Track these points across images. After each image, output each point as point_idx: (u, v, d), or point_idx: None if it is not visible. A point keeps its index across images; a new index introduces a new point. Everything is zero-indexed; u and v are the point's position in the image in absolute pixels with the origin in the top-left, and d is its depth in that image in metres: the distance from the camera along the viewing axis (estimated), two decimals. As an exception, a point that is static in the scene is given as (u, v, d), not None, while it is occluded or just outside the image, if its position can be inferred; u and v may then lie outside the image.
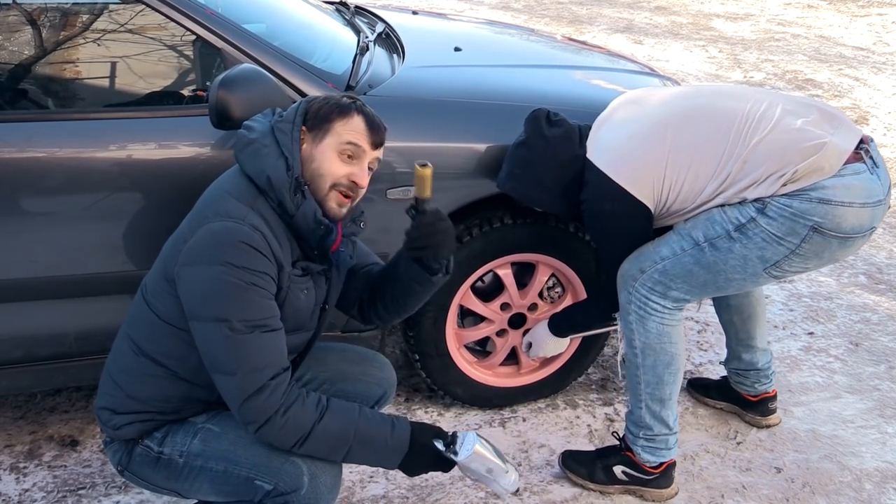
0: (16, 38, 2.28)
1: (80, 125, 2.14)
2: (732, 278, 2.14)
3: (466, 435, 1.78)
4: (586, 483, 2.38)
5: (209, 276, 1.61)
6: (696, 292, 2.19)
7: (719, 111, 2.14)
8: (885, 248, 4.01)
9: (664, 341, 2.23)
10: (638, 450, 2.33)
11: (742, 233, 2.07)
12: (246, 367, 1.61)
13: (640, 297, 2.20)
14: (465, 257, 2.43)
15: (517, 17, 8.31)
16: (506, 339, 2.64)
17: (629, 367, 2.31)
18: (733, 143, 2.08)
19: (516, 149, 2.28)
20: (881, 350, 3.16)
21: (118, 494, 2.30)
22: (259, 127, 1.74)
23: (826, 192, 2.01)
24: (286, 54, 2.25)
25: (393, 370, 2.13)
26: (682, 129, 2.13)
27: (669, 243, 2.17)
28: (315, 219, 1.69)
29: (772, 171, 2.04)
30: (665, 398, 2.28)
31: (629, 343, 2.28)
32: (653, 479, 2.35)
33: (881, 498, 2.41)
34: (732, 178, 2.08)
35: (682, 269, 2.15)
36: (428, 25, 3.30)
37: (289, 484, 1.69)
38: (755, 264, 2.10)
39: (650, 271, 2.18)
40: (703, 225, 2.13)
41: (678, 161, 2.10)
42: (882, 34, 8.33)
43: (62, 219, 2.13)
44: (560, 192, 2.26)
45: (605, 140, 2.21)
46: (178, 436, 1.77)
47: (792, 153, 2.03)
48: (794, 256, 2.07)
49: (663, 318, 2.21)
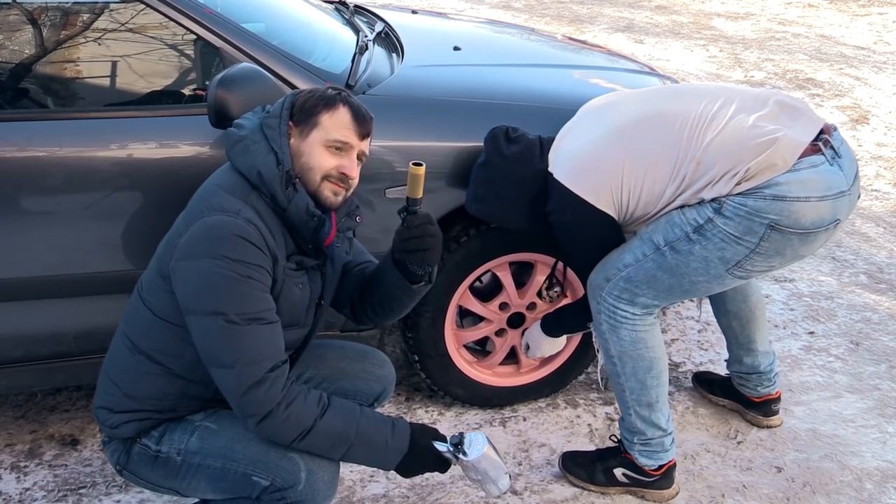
0: (16, 38, 2.29)
1: (80, 124, 2.14)
2: (697, 281, 2.12)
3: (475, 435, 1.79)
4: (587, 485, 2.38)
5: (204, 269, 1.61)
6: (663, 297, 2.17)
7: (673, 114, 2.11)
8: (885, 247, 4.00)
9: (639, 347, 2.21)
10: (636, 454, 2.32)
11: (700, 234, 2.05)
12: (243, 360, 1.61)
13: (609, 306, 2.19)
14: (463, 257, 2.43)
15: (518, 17, 8.30)
16: (505, 339, 2.64)
17: (611, 375, 2.30)
18: (686, 144, 2.05)
19: (478, 170, 2.28)
20: (882, 349, 3.16)
21: (119, 493, 2.30)
22: (248, 124, 1.75)
23: (780, 188, 1.98)
24: (285, 53, 2.25)
25: (392, 367, 2.13)
26: (637, 135, 2.11)
27: (632, 249, 2.16)
28: (307, 211, 1.69)
29: (725, 170, 2.01)
30: (652, 402, 2.26)
31: (606, 353, 2.27)
32: (653, 480, 2.34)
33: (882, 497, 2.41)
34: (689, 179, 2.05)
35: (646, 274, 2.13)
36: (427, 25, 3.30)
37: (286, 480, 1.70)
38: (717, 265, 2.07)
39: (615, 279, 2.17)
40: (663, 228, 2.11)
41: (634, 167, 2.09)
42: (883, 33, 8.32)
43: (62, 218, 2.13)
44: (526, 208, 2.25)
45: (565, 151, 2.20)
46: (175, 434, 1.78)
47: (743, 151, 2.00)
48: (755, 256, 2.04)
49: (634, 324, 2.19)
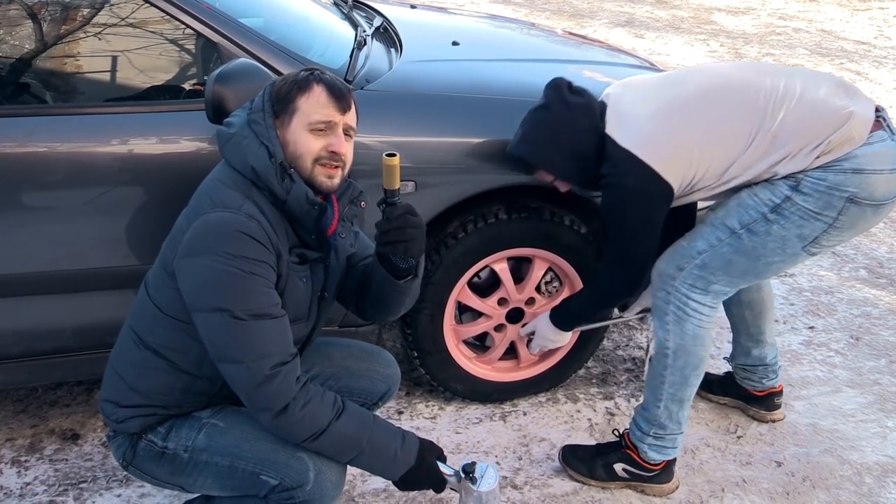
0: (16, 33, 2.28)
1: (80, 119, 2.13)
2: (772, 261, 2.12)
3: (487, 467, 1.82)
4: (587, 480, 2.38)
5: (207, 266, 1.61)
6: (736, 282, 2.17)
7: (741, 88, 2.11)
8: (885, 242, 4.00)
9: (697, 344, 2.20)
10: (644, 447, 2.31)
11: (778, 213, 2.06)
12: (252, 355, 1.61)
13: (681, 295, 2.17)
14: (462, 253, 2.43)
15: (518, 11, 8.29)
16: (504, 334, 2.64)
17: (655, 366, 2.27)
18: (761, 118, 2.05)
19: (534, 112, 2.24)
20: (882, 344, 3.15)
21: (119, 488, 2.30)
22: (236, 121, 1.74)
23: (859, 161, 2.01)
24: (283, 49, 2.25)
25: (397, 367, 2.13)
26: (706, 106, 2.10)
27: (704, 236, 2.14)
28: (307, 199, 1.68)
29: (803, 144, 2.02)
30: (684, 399, 2.26)
31: (661, 344, 2.23)
32: (654, 475, 2.34)
33: (881, 492, 2.41)
34: (762, 153, 2.05)
35: (722, 259, 2.12)
36: (426, 19, 3.29)
37: (294, 479, 1.70)
38: (794, 244, 2.08)
39: (689, 267, 2.15)
40: (736, 211, 2.11)
41: (706, 139, 2.07)
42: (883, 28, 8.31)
43: (62, 213, 2.13)
44: (575, 159, 2.19)
45: (630, 117, 2.15)
46: (182, 431, 1.78)
47: (822, 124, 2.02)
48: (831, 230, 2.06)
49: (701, 319, 2.18)
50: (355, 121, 1.77)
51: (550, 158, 2.21)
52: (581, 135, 2.18)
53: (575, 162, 2.20)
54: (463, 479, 1.80)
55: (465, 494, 1.81)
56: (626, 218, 2.16)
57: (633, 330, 3.20)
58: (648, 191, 2.10)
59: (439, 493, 1.84)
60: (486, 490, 1.79)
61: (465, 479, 1.80)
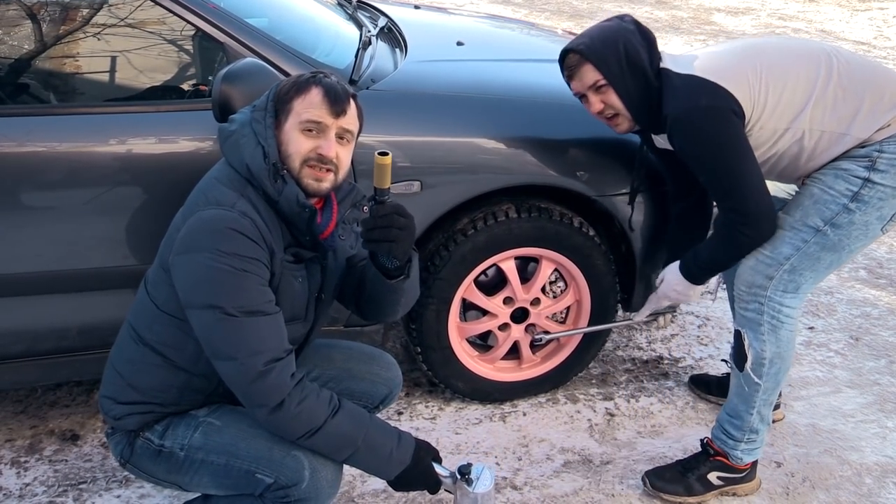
0: (16, 32, 2.28)
1: (81, 119, 2.13)
2: (854, 249, 2.12)
3: (484, 468, 1.82)
4: (685, 499, 2.33)
5: (200, 263, 1.61)
6: (821, 277, 2.16)
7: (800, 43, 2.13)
8: (885, 242, 4.01)
9: (790, 348, 2.19)
10: (738, 453, 2.30)
11: (859, 200, 2.04)
12: (245, 351, 1.61)
13: (774, 304, 2.14)
14: (469, 251, 2.43)
15: (518, 12, 8.29)
16: (508, 333, 2.64)
17: (750, 375, 2.22)
18: (827, 71, 2.04)
19: (600, 23, 2.18)
20: (881, 344, 3.16)
21: (119, 489, 2.30)
22: (239, 118, 1.74)
23: None
24: (289, 48, 2.25)
25: (399, 371, 2.13)
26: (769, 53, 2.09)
27: (787, 241, 2.11)
28: (298, 202, 1.67)
29: (874, 100, 2.02)
30: (774, 400, 2.27)
31: (758, 355, 2.19)
32: (745, 475, 2.35)
33: (881, 492, 2.41)
34: (832, 103, 2.02)
35: (810, 259, 2.10)
36: (430, 20, 3.30)
37: (290, 478, 1.70)
38: (874, 226, 2.08)
39: (779, 274, 2.12)
40: (815, 209, 2.08)
41: (773, 74, 2.02)
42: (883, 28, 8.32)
43: (63, 213, 2.13)
44: (630, 66, 2.07)
45: (683, 57, 2.11)
46: (179, 429, 1.78)
47: (893, 86, 2.04)
48: None
49: (793, 324, 2.17)
50: (356, 126, 1.76)
51: (603, 55, 2.07)
52: (640, 51, 2.07)
53: (628, 68, 2.07)
54: (459, 480, 1.80)
55: (461, 496, 1.81)
56: (716, 145, 1.99)
57: (633, 331, 3.21)
58: (723, 107, 1.97)
59: (434, 494, 1.84)
60: (481, 492, 1.79)
61: (461, 481, 1.80)
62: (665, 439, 2.58)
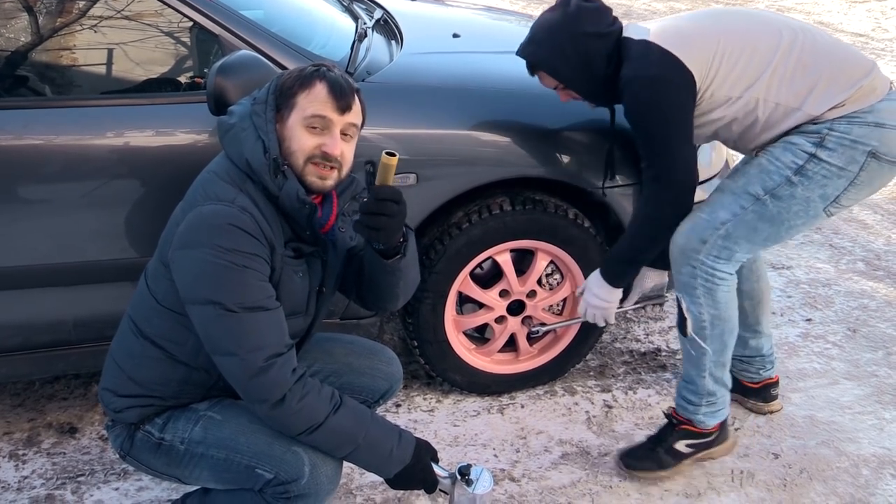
0: (12, 25, 2.27)
1: (78, 112, 2.13)
2: (794, 224, 2.12)
3: (482, 470, 1.82)
4: (658, 473, 2.36)
5: (200, 259, 1.61)
6: (757, 248, 2.17)
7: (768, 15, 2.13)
8: (882, 234, 4.01)
9: (730, 308, 2.20)
10: (700, 417, 2.32)
11: (802, 174, 2.05)
12: (246, 347, 1.61)
13: (707, 267, 2.15)
14: (465, 244, 2.43)
15: (515, 3, 8.27)
16: (504, 326, 2.64)
17: (694, 342, 2.24)
18: (788, 44, 2.04)
19: (542, 14, 2.18)
20: (879, 336, 3.16)
21: (117, 481, 2.30)
22: (239, 111, 1.73)
23: (881, 115, 2.02)
24: (284, 41, 2.24)
25: (399, 365, 2.12)
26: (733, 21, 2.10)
27: (726, 206, 2.12)
28: (298, 198, 1.66)
29: (831, 78, 2.02)
30: (726, 361, 2.28)
31: (698, 318, 2.20)
32: (714, 438, 2.36)
33: (878, 483, 2.42)
34: (789, 75, 2.02)
35: (746, 227, 2.10)
36: (426, 12, 3.28)
37: (290, 473, 1.70)
38: (817, 204, 2.08)
39: (713, 238, 2.12)
40: (759, 178, 2.09)
41: (731, 41, 2.03)
42: (881, 20, 8.31)
43: (60, 206, 2.13)
44: (580, 63, 2.10)
45: (646, 24, 2.13)
46: (179, 422, 1.78)
47: (853, 67, 2.03)
48: (851, 188, 2.07)
49: (729, 285, 2.18)
50: (360, 120, 1.75)
51: (553, 63, 2.12)
52: (588, 39, 2.09)
53: (579, 66, 2.11)
54: (458, 480, 1.80)
55: (459, 496, 1.81)
56: (656, 113, 2.04)
57: (631, 322, 3.21)
58: (672, 79, 2.01)
59: (430, 493, 1.84)
60: (481, 493, 1.79)
61: (461, 481, 1.80)
62: (662, 431, 2.58)
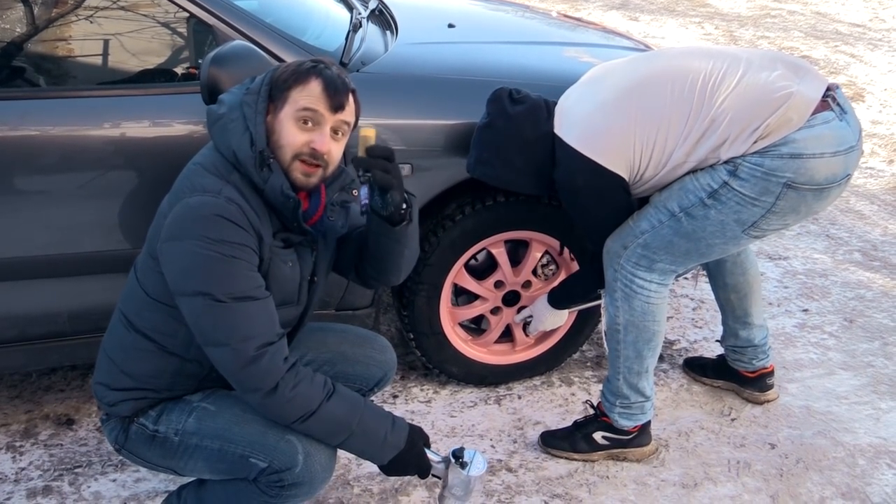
0: (7, 16, 2.26)
1: (73, 103, 2.12)
2: (713, 244, 2.14)
3: (475, 453, 1.83)
4: (570, 455, 2.41)
5: (187, 250, 1.60)
6: (680, 262, 2.19)
7: (682, 72, 2.10)
8: (879, 224, 4.01)
9: (647, 319, 2.23)
10: (615, 416, 2.36)
11: (715, 198, 2.06)
12: (237, 337, 1.61)
13: (627, 273, 2.20)
14: (459, 235, 2.42)
15: (512, -6, 8.23)
16: (500, 317, 2.64)
17: (610, 340, 2.32)
18: (699, 101, 2.05)
19: (481, 132, 2.24)
20: (875, 327, 3.17)
21: (114, 473, 2.30)
22: (229, 100, 1.71)
23: (797, 145, 1.99)
24: (278, 31, 2.23)
25: (393, 353, 2.12)
26: (645, 94, 2.10)
27: (647, 217, 2.17)
28: (282, 192, 1.66)
29: (742, 127, 2.01)
30: (642, 371, 2.30)
31: (612, 319, 2.28)
32: (632, 438, 2.39)
33: (874, 473, 2.43)
34: (703, 137, 2.05)
35: (663, 240, 2.14)
36: (421, 2, 3.27)
37: (283, 462, 1.70)
38: (733, 227, 2.09)
39: (633, 246, 2.17)
40: (677, 195, 2.12)
41: (646, 126, 2.07)
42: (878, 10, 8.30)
43: (55, 197, 2.12)
44: (532, 170, 2.23)
45: (572, 114, 2.18)
46: (173, 414, 1.78)
47: (760, 107, 2.01)
48: (770, 215, 2.06)
49: (649, 296, 2.21)
50: (353, 119, 1.74)
51: (506, 178, 2.25)
52: (530, 147, 2.20)
53: (532, 174, 2.24)
54: (452, 463, 1.80)
55: (453, 478, 1.81)
56: (588, 212, 2.24)
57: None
58: (599, 185, 2.14)
59: (424, 479, 1.84)
60: (475, 475, 1.80)
61: (455, 464, 1.80)
62: (659, 421, 2.59)
